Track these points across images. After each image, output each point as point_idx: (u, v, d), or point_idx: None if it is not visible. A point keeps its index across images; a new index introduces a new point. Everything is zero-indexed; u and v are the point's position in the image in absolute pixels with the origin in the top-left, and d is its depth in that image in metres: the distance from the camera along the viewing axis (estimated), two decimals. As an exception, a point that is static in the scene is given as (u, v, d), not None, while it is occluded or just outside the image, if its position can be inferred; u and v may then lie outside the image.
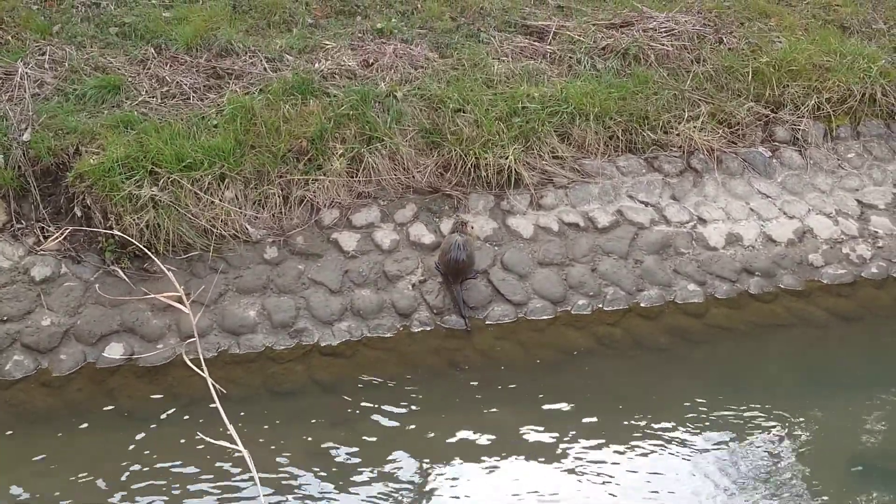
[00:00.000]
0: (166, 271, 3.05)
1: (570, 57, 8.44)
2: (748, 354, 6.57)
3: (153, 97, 7.46)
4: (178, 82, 7.61)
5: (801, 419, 5.96)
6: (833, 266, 7.43)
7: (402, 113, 7.46)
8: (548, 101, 7.73)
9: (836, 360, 6.61)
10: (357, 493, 5.21)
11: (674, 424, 5.82)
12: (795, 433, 5.83)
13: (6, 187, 6.73)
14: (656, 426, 5.80)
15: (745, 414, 5.93)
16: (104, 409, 5.74)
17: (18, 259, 6.49)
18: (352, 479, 5.32)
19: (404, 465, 5.42)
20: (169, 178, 6.61)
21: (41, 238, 6.65)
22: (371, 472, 5.36)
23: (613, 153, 7.84)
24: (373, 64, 7.94)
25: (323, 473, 5.34)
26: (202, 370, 3.09)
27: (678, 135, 7.96)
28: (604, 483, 5.37)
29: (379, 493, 5.22)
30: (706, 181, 7.86)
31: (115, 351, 6.13)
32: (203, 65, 7.86)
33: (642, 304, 6.95)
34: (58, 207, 6.78)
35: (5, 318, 6.17)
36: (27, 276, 6.39)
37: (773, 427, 5.85)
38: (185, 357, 2.98)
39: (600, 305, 6.89)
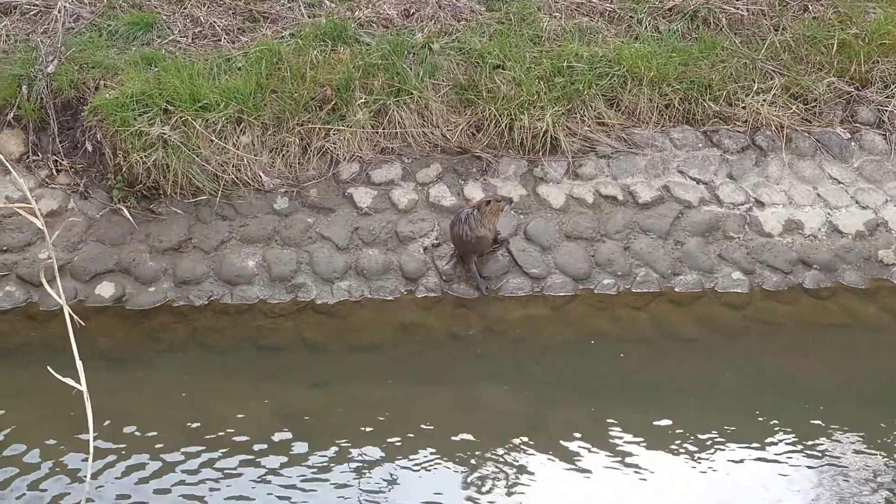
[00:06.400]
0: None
1: (631, 17, 7.73)
2: (789, 353, 5.82)
3: (184, 37, 7.27)
4: (212, 23, 7.38)
5: (842, 432, 5.19)
6: (906, 265, 6.54)
7: (437, 66, 6.99)
8: (597, 62, 7.08)
9: (890, 368, 5.78)
10: (324, 459, 4.83)
11: (688, 423, 5.17)
12: (831, 446, 5.08)
13: (27, 118, 6.67)
14: (668, 422, 5.17)
15: (774, 419, 5.22)
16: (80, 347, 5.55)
17: (28, 191, 6.39)
18: (323, 444, 4.93)
19: (379, 434, 4.99)
20: (181, 118, 6.37)
21: (53, 171, 6.56)
22: (344, 439, 4.96)
23: (668, 123, 7.14)
24: (413, 14, 7.50)
25: (294, 435, 4.99)
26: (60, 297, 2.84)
27: (744, 108, 7.17)
28: (596, 480, 4.81)
29: (346, 462, 4.83)
30: (770, 161, 7.05)
31: (105, 290, 5.96)
32: (241, 7, 7.61)
33: (676, 289, 6.27)
34: (74, 142, 6.68)
35: (5, 248, 6.11)
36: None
37: (805, 438, 5.12)
38: (42, 281, 2.68)
39: (628, 287, 6.26)
